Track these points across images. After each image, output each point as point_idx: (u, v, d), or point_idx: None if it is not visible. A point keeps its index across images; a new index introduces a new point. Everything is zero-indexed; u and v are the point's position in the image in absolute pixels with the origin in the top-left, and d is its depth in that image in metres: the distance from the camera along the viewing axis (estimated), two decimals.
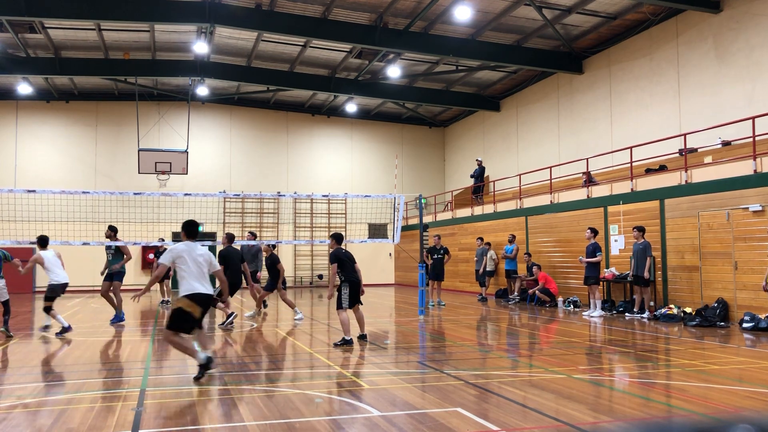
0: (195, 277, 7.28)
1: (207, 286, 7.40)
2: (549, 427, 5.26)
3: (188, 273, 7.26)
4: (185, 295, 7.20)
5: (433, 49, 20.06)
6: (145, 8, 17.94)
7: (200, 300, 7.25)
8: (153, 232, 23.49)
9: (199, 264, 7.35)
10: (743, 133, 13.92)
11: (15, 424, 5.43)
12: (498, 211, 21.32)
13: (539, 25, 18.89)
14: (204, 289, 7.30)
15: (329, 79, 24.04)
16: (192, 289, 7.21)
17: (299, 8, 18.49)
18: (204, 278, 7.38)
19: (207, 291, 7.34)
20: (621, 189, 15.83)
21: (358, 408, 5.91)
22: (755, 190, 12.05)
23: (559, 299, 16.71)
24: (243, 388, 6.81)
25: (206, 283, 7.40)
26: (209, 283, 7.51)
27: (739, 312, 12.10)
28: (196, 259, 7.33)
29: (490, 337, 11.92)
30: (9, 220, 20.90)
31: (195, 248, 7.44)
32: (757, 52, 14.94)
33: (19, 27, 19.11)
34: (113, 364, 8.67)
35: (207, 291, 7.34)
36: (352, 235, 27.86)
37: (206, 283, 7.40)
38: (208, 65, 22.85)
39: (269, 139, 28.23)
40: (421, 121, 30.13)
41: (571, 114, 21.45)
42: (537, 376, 7.52)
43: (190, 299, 7.19)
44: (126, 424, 5.38)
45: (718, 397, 6.23)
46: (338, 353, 9.25)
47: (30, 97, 25.27)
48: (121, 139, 26.06)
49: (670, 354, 9.20)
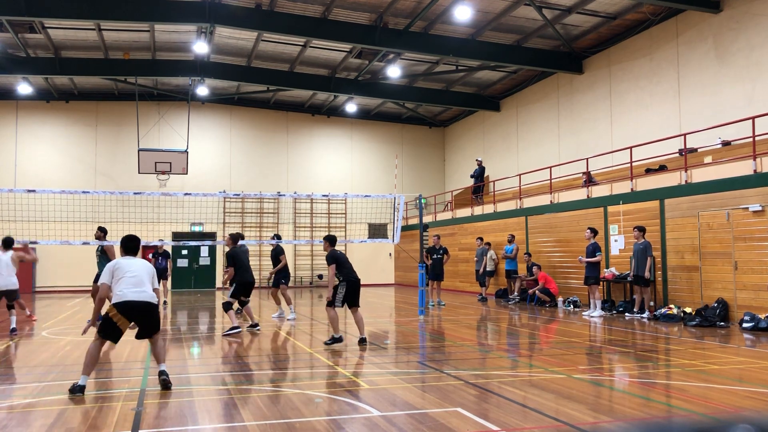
0: (129, 284, 6.79)
1: (142, 293, 6.79)
2: (549, 427, 5.26)
3: (123, 281, 6.79)
4: (113, 304, 6.75)
5: (433, 49, 20.06)
6: (145, 8, 17.93)
7: (127, 309, 6.70)
8: (153, 232, 23.49)
9: (135, 275, 6.84)
10: (743, 133, 13.92)
11: (15, 424, 5.43)
12: (498, 211, 21.32)
13: (539, 25, 18.89)
14: (136, 296, 6.72)
15: (329, 79, 24.04)
16: (122, 297, 6.71)
17: (299, 8, 18.49)
18: (141, 285, 6.83)
19: (140, 298, 6.75)
20: (621, 189, 15.83)
21: (358, 408, 5.91)
22: (755, 190, 12.05)
23: (559, 299, 16.71)
24: (243, 388, 6.81)
25: (141, 290, 6.80)
26: (148, 289, 6.91)
27: (739, 312, 12.10)
28: (132, 271, 6.84)
29: (490, 337, 11.92)
30: (9, 220, 20.89)
31: (132, 263, 7.00)
32: (757, 52, 14.94)
33: (19, 27, 19.11)
34: (113, 364, 8.67)
35: (140, 298, 6.75)
36: (352, 235, 27.86)
37: (141, 290, 6.80)
38: (208, 65, 22.85)
39: (269, 139, 28.23)
40: (421, 121, 30.13)
41: (571, 114, 21.45)
42: (537, 376, 7.52)
43: (117, 308, 6.69)
44: (126, 424, 5.38)
45: (718, 397, 6.23)
46: (338, 353, 9.25)
47: (30, 97, 25.27)
48: (121, 139, 26.06)
49: (670, 354, 9.20)
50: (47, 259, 23.44)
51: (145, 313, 6.82)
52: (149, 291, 6.89)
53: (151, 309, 6.87)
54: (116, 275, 6.87)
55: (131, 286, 6.77)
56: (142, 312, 6.79)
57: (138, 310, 6.76)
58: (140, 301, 6.73)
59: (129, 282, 6.78)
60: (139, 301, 6.73)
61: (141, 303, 6.74)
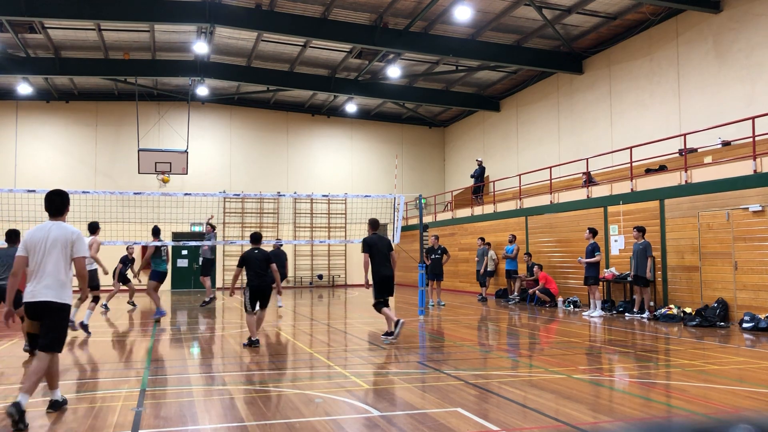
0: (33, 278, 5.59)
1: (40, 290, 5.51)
2: (549, 427, 5.26)
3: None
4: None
5: (433, 49, 20.06)
6: (145, 8, 17.94)
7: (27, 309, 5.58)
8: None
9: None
10: (743, 133, 13.92)
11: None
12: (498, 212, 21.32)
13: (539, 25, 18.89)
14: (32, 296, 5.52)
15: (329, 79, 24.05)
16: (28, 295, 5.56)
17: (299, 8, 18.49)
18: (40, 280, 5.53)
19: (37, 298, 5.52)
20: (621, 189, 15.83)
21: (358, 408, 5.91)
22: (755, 190, 12.05)
23: (559, 299, 16.71)
24: (243, 388, 6.81)
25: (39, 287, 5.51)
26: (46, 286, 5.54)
27: (739, 312, 12.10)
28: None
29: (490, 337, 11.92)
30: (9, 220, 20.87)
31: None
32: (758, 52, 14.94)
33: (19, 27, 19.11)
34: (113, 364, 8.67)
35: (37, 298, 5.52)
36: (352, 235, 27.85)
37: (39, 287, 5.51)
38: (208, 65, 22.85)
39: (269, 139, 28.24)
40: (421, 121, 30.13)
41: (571, 114, 21.45)
42: (537, 376, 7.52)
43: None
44: (126, 424, 5.38)
45: (718, 397, 6.23)
46: (338, 353, 9.24)
47: (30, 97, 25.27)
48: (121, 139, 26.06)
49: (670, 354, 9.20)
50: None
51: (39, 314, 5.54)
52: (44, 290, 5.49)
53: (45, 307, 5.49)
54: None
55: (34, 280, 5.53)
56: (37, 313, 5.56)
57: (32, 310, 5.57)
58: (36, 301, 5.51)
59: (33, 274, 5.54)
60: (36, 301, 5.51)
61: (35, 304, 5.52)
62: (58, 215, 5.77)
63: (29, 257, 5.58)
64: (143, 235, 23.18)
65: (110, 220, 23.27)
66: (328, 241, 26.18)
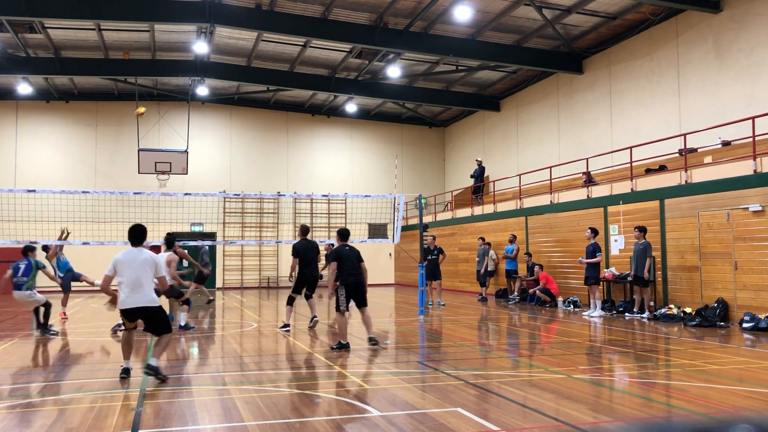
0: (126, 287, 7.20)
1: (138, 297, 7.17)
2: (549, 427, 5.26)
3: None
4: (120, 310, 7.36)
5: (433, 49, 20.06)
6: (145, 8, 17.94)
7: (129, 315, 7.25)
8: (153, 232, 23.34)
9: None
10: (743, 133, 13.91)
11: (15, 424, 5.43)
12: (498, 211, 21.32)
13: (539, 25, 18.88)
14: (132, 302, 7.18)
15: (329, 79, 24.04)
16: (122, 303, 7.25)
17: (299, 8, 18.49)
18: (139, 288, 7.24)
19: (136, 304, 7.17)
20: (621, 189, 15.82)
21: (358, 408, 5.91)
22: (755, 190, 12.05)
23: (559, 299, 16.71)
24: (243, 388, 6.81)
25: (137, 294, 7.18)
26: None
27: (739, 312, 12.10)
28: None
29: (491, 337, 11.92)
30: (9, 220, 20.89)
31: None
32: (758, 52, 14.94)
33: (19, 27, 19.11)
34: (113, 364, 8.66)
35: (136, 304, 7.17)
36: (352, 235, 27.73)
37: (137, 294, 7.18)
38: (208, 65, 22.85)
39: (269, 139, 28.23)
40: (421, 121, 30.12)
41: (571, 114, 21.45)
42: (537, 376, 7.52)
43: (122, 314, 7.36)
44: (126, 424, 5.38)
45: (718, 397, 6.23)
46: (338, 353, 9.24)
47: (30, 97, 25.27)
48: (121, 139, 26.05)
49: (670, 354, 9.20)
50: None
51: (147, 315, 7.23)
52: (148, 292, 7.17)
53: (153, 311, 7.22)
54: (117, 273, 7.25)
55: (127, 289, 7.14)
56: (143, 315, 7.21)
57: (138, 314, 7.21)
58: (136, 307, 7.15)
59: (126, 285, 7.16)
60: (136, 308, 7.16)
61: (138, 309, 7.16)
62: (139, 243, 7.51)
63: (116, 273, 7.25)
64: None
65: (110, 220, 23.25)
66: (328, 241, 26.11)
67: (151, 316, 7.21)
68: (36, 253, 11.97)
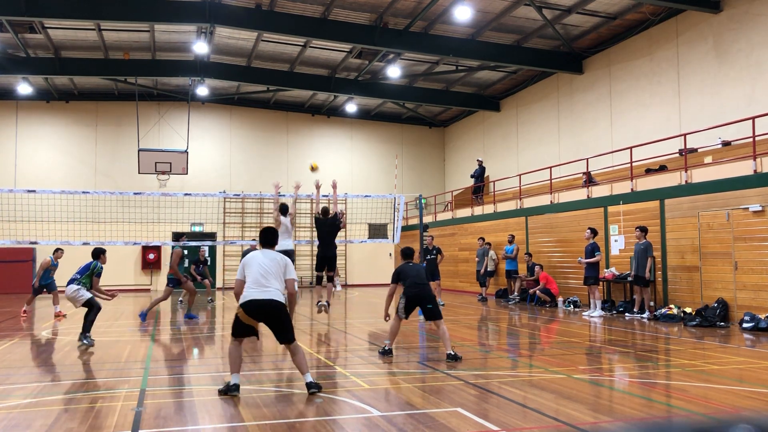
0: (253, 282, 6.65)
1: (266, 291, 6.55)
2: (549, 427, 5.26)
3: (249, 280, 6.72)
4: (240, 304, 6.71)
5: (433, 49, 20.06)
6: (145, 8, 17.93)
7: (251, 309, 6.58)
8: (153, 232, 23.51)
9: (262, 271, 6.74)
10: (743, 133, 13.91)
11: (15, 424, 5.43)
12: (498, 211, 21.32)
13: (539, 25, 18.89)
14: (259, 295, 6.53)
15: (329, 79, 24.04)
16: (246, 297, 6.60)
17: (299, 8, 18.49)
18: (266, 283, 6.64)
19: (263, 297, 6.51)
20: (621, 189, 15.83)
21: (358, 408, 5.91)
22: (755, 190, 12.05)
23: (559, 299, 16.71)
24: (243, 388, 6.81)
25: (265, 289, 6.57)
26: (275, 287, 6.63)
27: (739, 312, 12.10)
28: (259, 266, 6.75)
29: (490, 337, 11.92)
30: (9, 220, 20.91)
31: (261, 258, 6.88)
32: (758, 52, 14.94)
33: (19, 27, 19.11)
34: (113, 364, 8.66)
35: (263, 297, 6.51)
36: (352, 235, 27.85)
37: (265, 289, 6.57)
38: (208, 65, 22.85)
39: (269, 139, 28.23)
40: (421, 121, 30.12)
41: (571, 114, 21.45)
42: (537, 376, 7.52)
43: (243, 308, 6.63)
44: (126, 424, 5.38)
45: (718, 397, 6.23)
46: (338, 353, 9.24)
47: (30, 97, 25.27)
48: (121, 139, 26.05)
49: (670, 354, 9.20)
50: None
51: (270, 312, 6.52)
52: (275, 289, 6.55)
53: (278, 309, 6.52)
54: (246, 272, 6.68)
55: (255, 284, 6.54)
56: (267, 312, 6.51)
57: (262, 309, 6.50)
58: (263, 299, 6.48)
59: (254, 280, 6.56)
60: (263, 299, 6.48)
61: (264, 301, 6.47)
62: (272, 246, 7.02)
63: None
64: (144, 236, 23.23)
65: (110, 220, 23.27)
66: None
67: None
68: (105, 257, 11.40)
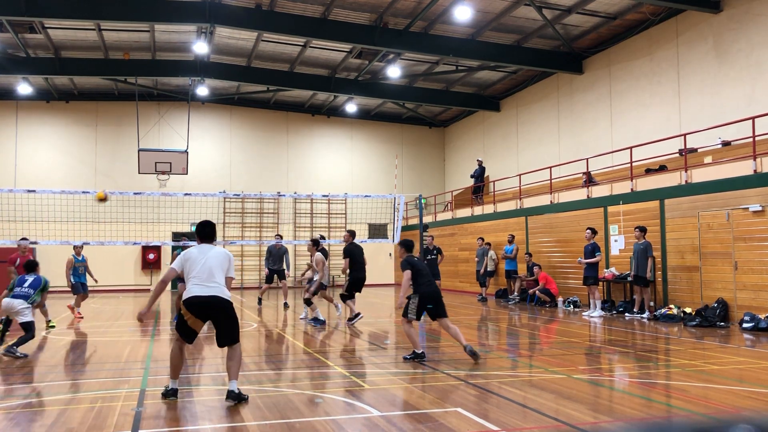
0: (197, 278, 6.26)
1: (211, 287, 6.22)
2: (549, 427, 5.26)
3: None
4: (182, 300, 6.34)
5: (433, 49, 20.06)
6: (145, 8, 17.93)
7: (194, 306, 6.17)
8: (153, 232, 23.50)
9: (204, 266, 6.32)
10: (743, 133, 13.91)
11: (15, 424, 5.43)
12: (498, 211, 21.32)
13: (539, 25, 18.88)
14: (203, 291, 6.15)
15: (329, 79, 24.04)
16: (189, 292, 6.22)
17: (299, 8, 18.49)
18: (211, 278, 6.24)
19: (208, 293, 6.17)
20: (621, 189, 15.82)
21: (358, 408, 5.91)
22: (755, 190, 12.05)
23: (559, 299, 16.71)
24: (243, 388, 6.81)
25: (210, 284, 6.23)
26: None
27: (739, 312, 12.10)
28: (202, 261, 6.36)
29: (490, 337, 11.92)
30: (9, 220, 20.91)
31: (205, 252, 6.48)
32: (758, 52, 14.94)
33: (19, 27, 19.11)
34: (113, 364, 8.66)
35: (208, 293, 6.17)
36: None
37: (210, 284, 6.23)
38: (208, 65, 22.85)
39: (269, 139, 28.23)
40: (421, 121, 30.13)
41: (571, 114, 21.45)
42: (537, 376, 7.52)
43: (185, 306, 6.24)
44: (126, 424, 5.38)
45: (718, 397, 6.23)
46: (338, 353, 9.24)
47: (30, 97, 25.26)
48: (121, 139, 26.05)
49: (670, 354, 9.20)
50: (47, 259, 23.42)
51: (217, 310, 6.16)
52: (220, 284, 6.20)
53: (223, 306, 6.17)
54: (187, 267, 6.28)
55: (198, 280, 6.14)
56: (212, 309, 6.16)
57: (207, 305, 6.13)
58: (208, 296, 6.11)
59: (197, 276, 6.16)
60: (207, 296, 6.10)
61: (209, 298, 6.11)
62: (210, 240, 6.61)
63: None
64: (144, 236, 23.23)
65: (110, 220, 23.27)
66: (328, 241, 26.16)
67: None
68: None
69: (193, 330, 6.21)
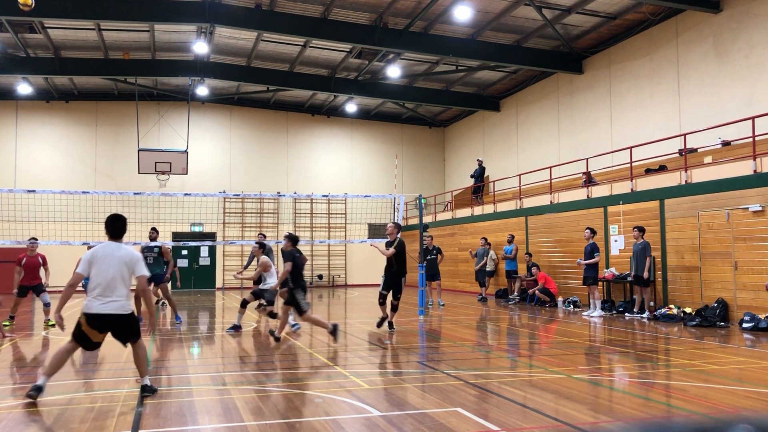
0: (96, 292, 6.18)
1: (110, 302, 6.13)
2: (549, 427, 5.26)
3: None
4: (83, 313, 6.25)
5: (433, 49, 20.06)
6: (145, 8, 17.94)
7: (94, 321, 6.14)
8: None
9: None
10: (743, 133, 13.92)
11: (15, 424, 5.43)
12: (498, 211, 21.32)
13: (539, 25, 18.89)
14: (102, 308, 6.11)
15: (329, 79, 24.04)
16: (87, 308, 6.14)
17: (299, 8, 18.49)
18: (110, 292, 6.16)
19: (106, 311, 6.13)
20: (621, 189, 15.83)
21: (358, 408, 5.91)
22: (755, 190, 12.06)
23: (559, 299, 16.72)
24: (243, 388, 6.81)
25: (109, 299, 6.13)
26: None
27: (739, 312, 12.11)
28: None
29: (490, 337, 11.92)
30: (9, 220, 20.91)
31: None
32: (758, 52, 14.95)
33: (19, 27, 19.11)
34: (113, 364, 8.66)
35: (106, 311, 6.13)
36: (352, 235, 27.87)
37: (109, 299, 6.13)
38: (208, 65, 22.85)
39: (269, 139, 28.24)
40: (421, 121, 30.13)
41: (571, 114, 21.45)
42: (537, 376, 7.52)
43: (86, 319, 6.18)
44: (126, 424, 5.38)
45: (718, 397, 6.23)
46: (338, 353, 9.24)
47: (30, 97, 25.27)
48: (121, 139, 26.06)
49: (669, 354, 9.20)
50: (47, 259, 23.45)
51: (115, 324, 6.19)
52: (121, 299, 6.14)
53: (121, 321, 6.16)
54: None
55: (98, 294, 6.09)
56: (111, 325, 6.20)
57: (106, 323, 6.15)
58: (107, 314, 6.09)
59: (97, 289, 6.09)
60: (106, 314, 6.09)
61: (107, 316, 6.10)
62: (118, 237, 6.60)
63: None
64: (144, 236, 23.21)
65: None
66: (328, 241, 26.20)
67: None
68: None
69: (91, 340, 6.28)
